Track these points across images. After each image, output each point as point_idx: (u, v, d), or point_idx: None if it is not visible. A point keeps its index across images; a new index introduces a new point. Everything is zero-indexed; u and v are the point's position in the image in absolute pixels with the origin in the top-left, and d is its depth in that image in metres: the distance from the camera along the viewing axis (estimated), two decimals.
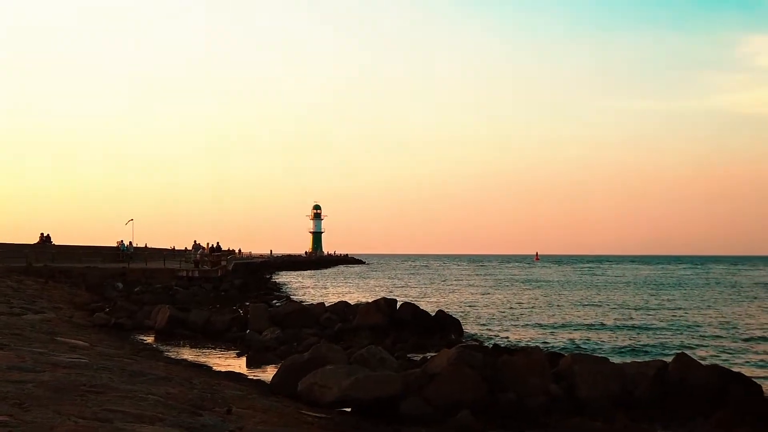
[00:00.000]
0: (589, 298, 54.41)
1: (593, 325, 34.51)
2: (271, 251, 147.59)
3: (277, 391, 15.14)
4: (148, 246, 74.60)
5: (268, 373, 18.43)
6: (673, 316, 39.11)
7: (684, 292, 62.60)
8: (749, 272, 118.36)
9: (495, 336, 29.63)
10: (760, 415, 14.17)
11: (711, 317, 38.12)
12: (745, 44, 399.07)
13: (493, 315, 39.80)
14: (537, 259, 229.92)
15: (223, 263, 61.09)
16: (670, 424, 14.09)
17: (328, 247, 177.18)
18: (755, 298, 54.64)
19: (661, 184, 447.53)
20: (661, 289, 66.65)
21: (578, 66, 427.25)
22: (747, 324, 34.48)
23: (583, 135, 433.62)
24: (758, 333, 30.68)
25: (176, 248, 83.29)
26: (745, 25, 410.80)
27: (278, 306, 35.31)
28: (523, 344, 25.80)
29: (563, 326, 33.68)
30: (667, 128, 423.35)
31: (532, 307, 45.32)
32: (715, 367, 16.58)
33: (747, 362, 22.81)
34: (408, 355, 21.47)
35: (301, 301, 40.65)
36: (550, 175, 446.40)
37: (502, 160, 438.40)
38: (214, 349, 24.49)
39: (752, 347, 26.58)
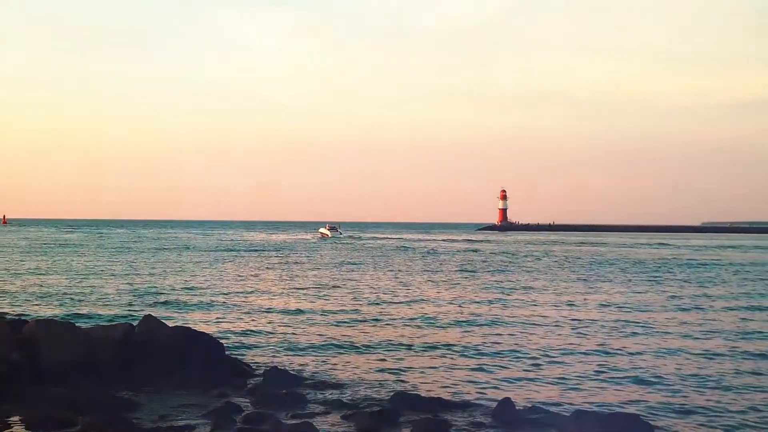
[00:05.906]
0: (60, 264, 53.02)
1: (56, 289, 33.83)
2: None
3: None
4: None
5: None
6: (141, 279, 39.92)
7: (161, 255, 64.00)
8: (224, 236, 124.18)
9: None
10: (216, 371, 15.39)
11: (180, 281, 39.65)
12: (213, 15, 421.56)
13: None
14: (4, 222, 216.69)
15: None
16: (137, 385, 14.45)
17: None
18: (219, 261, 58.00)
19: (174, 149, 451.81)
20: (130, 253, 67.25)
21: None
22: (212, 288, 36.56)
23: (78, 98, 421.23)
24: (221, 299, 32.73)
25: None
26: None
27: None
28: None
29: (48, 295, 32.21)
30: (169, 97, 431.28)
31: None
32: (181, 328, 17.31)
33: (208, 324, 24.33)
34: None
35: None
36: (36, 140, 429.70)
37: None
38: None
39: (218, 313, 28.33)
